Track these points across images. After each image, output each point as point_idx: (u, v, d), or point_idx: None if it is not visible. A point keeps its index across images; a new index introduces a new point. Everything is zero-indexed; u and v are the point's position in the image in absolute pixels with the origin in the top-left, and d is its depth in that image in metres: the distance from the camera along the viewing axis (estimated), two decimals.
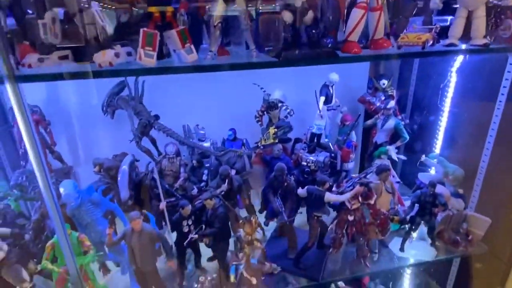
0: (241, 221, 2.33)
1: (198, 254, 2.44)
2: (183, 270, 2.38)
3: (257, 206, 2.87)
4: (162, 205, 2.23)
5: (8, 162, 2.81)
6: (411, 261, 2.62)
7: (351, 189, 2.31)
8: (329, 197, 2.27)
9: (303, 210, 2.64)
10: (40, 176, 1.59)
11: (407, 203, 2.66)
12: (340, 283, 3.40)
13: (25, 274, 2.05)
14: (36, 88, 2.77)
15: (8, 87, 1.44)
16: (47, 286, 2.23)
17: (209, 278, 2.54)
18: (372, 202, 2.34)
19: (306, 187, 2.36)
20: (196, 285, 2.45)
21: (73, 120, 2.98)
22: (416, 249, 2.66)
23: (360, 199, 2.33)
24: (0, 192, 2.31)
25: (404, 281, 3.47)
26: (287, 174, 2.45)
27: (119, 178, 2.41)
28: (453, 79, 3.04)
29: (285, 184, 2.39)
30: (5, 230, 2.11)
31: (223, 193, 2.33)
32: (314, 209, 2.35)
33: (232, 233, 2.42)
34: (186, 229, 2.21)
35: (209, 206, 2.23)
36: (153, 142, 2.96)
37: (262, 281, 2.38)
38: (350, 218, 2.38)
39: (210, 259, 2.58)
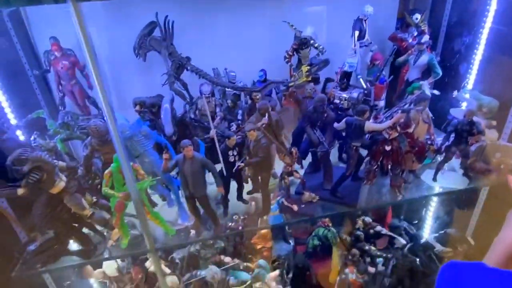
0: (282, 153, 2.43)
1: (241, 186, 2.56)
2: (227, 200, 2.52)
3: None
4: (213, 132, 2.30)
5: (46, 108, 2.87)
6: (442, 190, 2.72)
7: (390, 119, 2.35)
8: (370, 125, 2.31)
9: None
10: (103, 100, 1.64)
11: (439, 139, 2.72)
12: (367, 219, 3.57)
13: (85, 203, 2.19)
14: (68, 32, 2.76)
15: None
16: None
17: (242, 217, 2.71)
18: (410, 130, 2.38)
19: (344, 119, 2.41)
20: (230, 223, 2.62)
21: (104, 65, 2.99)
22: (448, 179, 2.75)
23: (398, 128, 2.38)
24: (50, 129, 2.39)
25: (427, 214, 3.63)
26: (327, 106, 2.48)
27: (162, 115, 2.47)
28: (490, 13, 2.95)
29: (325, 115, 2.43)
30: (62, 163, 2.22)
31: (264, 126, 2.38)
32: (353, 139, 2.41)
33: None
34: (232, 159, 2.30)
35: (252, 138, 2.30)
36: (185, 86, 2.98)
37: (302, 209, 2.52)
38: (387, 148, 2.44)
39: (250, 192, 2.71)
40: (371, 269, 3.15)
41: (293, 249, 3.78)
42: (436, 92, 3.00)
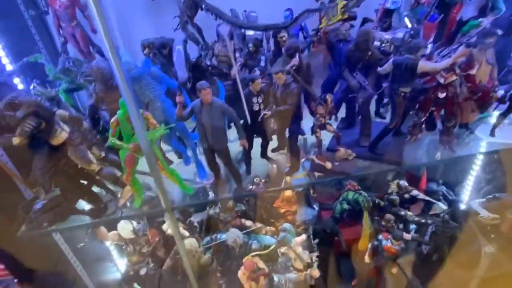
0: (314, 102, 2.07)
1: (266, 141, 2.24)
2: (249, 157, 2.22)
3: None
4: (234, 70, 1.95)
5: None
6: (503, 146, 2.32)
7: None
8: (425, 65, 1.90)
9: None
10: (105, 35, 1.31)
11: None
12: (403, 182, 3.23)
13: (92, 157, 1.94)
14: None
15: None
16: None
17: (263, 180, 2.44)
18: (473, 71, 1.96)
19: (392, 59, 2.00)
20: (250, 186, 2.37)
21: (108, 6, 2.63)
22: (509, 134, 2.34)
23: (458, 70, 1.95)
24: (49, 74, 2.10)
25: (471, 176, 3.25)
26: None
27: (174, 58, 2.13)
28: None
29: (369, 53, 2.02)
30: (64, 112, 1.95)
31: (294, 68, 2.01)
32: (402, 84, 2.01)
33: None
34: (256, 107, 1.97)
35: (280, 81, 1.94)
36: (199, 31, 2.60)
37: (336, 166, 2.20)
38: (441, 95, 2.04)
39: (275, 150, 2.40)
40: (407, 236, 2.86)
41: (318, 214, 3.53)
42: (499, 31, 2.50)
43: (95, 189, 2.12)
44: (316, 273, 2.71)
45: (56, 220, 1.96)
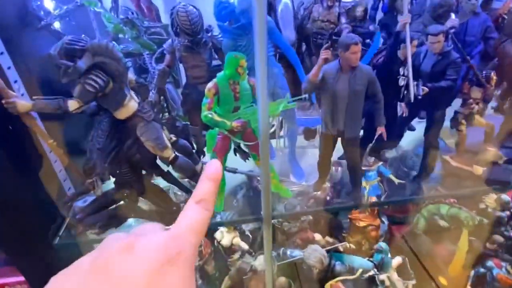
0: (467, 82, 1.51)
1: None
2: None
3: None
4: (405, 18, 1.37)
5: None
6: None
7: None
8: None
9: None
10: None
11: None
12: (504, 197, 2.67)
13: (166, 139, 1.37)
14: None
15: None
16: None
17: None
18: None
19: None
20: None
21: None
22: None
23: None
24: (108, 25, 1.53)
25: None
26: None
27: (279, 13, 1.57)
28: None
29: None
30: (131, 75, 1.39)
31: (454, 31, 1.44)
32: None
33: None
34: (402, 81, 1.40)
35: (438, 48, 1.37)
36: None
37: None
38: None
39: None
40: None
41: (388, 230, 2.96)
42: None
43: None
44: None
45: (111, 223, 1.39)
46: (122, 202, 1.42)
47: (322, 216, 2.93)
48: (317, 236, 2.50)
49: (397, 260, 2.15)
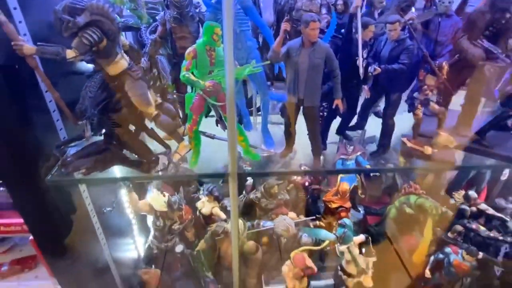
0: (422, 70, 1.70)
1: (353, 112, 1.87)
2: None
3: None
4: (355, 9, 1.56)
5: None
6: None
7: None
8: None
9: None
10: None
11: None
12: (472, 193, 2.82)
13: (151, 97, 1.58)
14: None
15: None
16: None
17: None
18: None
19: None
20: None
21: None
22: None
23: None
24: None
25: None
26: None
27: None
28: None
29: (508, 16, 1.64)
30: (124, 40, 1.60)
31: (411, 22, 1.63)
32: None
33: None
34: (362, 62, 1.59)
35: (394, 35, 1.57)
36: None
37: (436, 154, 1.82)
38: None
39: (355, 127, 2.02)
40: (479, 254, 2.45)
41: (364, 219, 3.14)
42: None
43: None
44: (369, 282, 2.31)
45: (96, 167, 1.59)
46: (108, 151, 1.63)
47: (301, 199, 3.13)
48: (291, 214, 2.69)
49: (359, 237, 2.32)
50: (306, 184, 3.03)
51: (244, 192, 2.85)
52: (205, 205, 2.60)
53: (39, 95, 1.54)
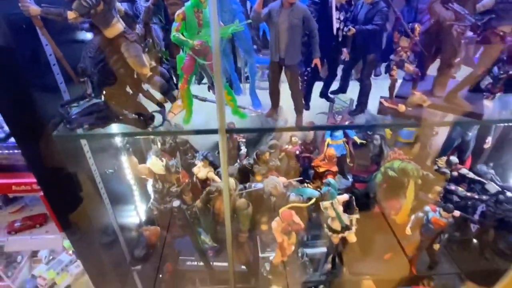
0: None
1: (333, 74, 2.01)
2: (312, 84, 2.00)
3: None
4: None
5: None
6: None
7: None
8: None
9: None
10: None
11: None
12: (453, 158, 2.99)
13: (145, 59, 1.72)
14: None
15: None
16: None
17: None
18: None
19: None
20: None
21: None
22: None
23: None
24: None
25: None
26: None
27: None
28: None
29: None
30: (120, 6, 1.73)
31: None
32: (503, 21, 1.76)
33: None
34: (337, 25, 1.73)
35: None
36: None
37: (409, 111, 1.97)
38: None
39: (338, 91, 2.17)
40: (456, 212, 2.63)
41: (352, 186, 3.32)
42: None
43: None
44: (353, 237, 2.51)
45: (98, 123, 1.76)
46: (108, 109, 1.79)
47: (292, 167, 3.30)
48: (282, 179, 2.87)
49: (343, 196, 2.50)
50: (297, 152, 3.19)
51: (238, 160, 3.03)
52: (200, 170, 2.78)
53: (44, 58, 1.70)
